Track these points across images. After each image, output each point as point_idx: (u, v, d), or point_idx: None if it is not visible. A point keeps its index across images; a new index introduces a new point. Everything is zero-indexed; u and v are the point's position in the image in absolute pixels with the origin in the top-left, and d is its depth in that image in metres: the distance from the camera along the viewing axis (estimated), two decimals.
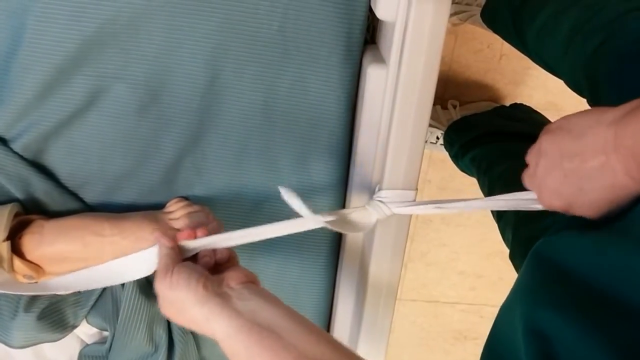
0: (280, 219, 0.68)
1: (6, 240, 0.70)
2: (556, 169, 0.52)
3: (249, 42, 0.71)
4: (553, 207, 0.55)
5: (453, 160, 1.25)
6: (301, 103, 0.75)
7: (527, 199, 0.63)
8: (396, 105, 0.68)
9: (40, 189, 0.76)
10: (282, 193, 0.64)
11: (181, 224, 0.74)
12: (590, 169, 0.49)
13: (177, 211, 0.76)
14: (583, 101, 0.71)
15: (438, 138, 1.30)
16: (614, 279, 0.46)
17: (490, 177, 1.04)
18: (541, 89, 1.34)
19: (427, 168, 1.40)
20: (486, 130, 1.17)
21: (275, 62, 0.73)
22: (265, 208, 0.82)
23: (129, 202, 0.80)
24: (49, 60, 0.70)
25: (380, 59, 0.71)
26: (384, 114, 0.71)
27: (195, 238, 0.66)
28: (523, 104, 1.28)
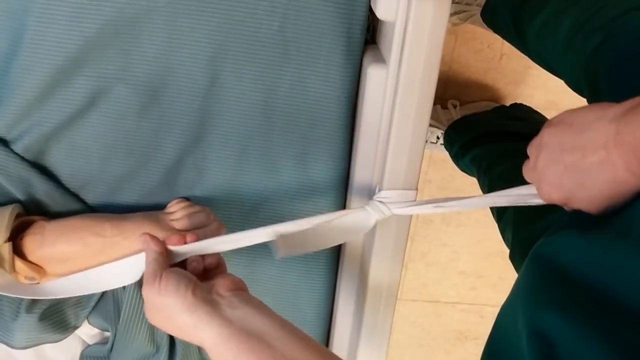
0: (281, 219, 0.68)
1: (7, 241, 0.70)
2: (556, 162, 0.52)
3: (249, 42, 0.71)
4: (552, 200, 0.55)
5: (453, 160, 1.25)
6: (301, 103, 0.75)
7: (526, 194, 0.63)
8: (396, 105, 0.68)
9: (42, 190, 0.76)
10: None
11: (182, 225, 0.74)
12: (590, 163, 0.48)
13: (178, 212, 0.76)
14: (583, 101, 0.70)
15: (438, 138, 1.29)
16: (614, 280, 0.46)
17: (490, 176, 1.04)
18: (542, 88, 1.34)
19: (427, 168, 1.40)
20: (486, 130, 1.17)
21: (276, 62, 0.73)
22: (266, 208, 0.82)
23: (130, 202, 0.80)
24: (50, 61, 0.70)
25: (380, 59, 0.71)
26: (384, 113, 0.71)
27: (184, 243, 0.65)
28: (523, 103, 1.28)
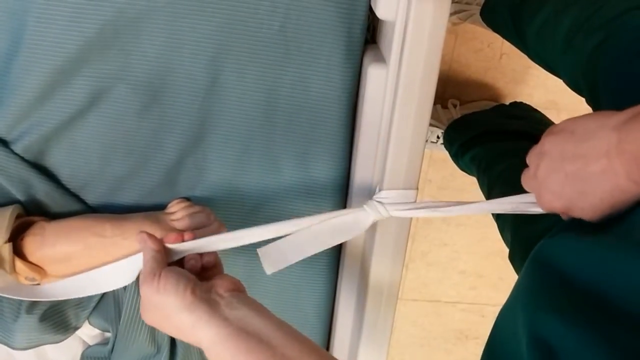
0: (281, 219, 0.68)
1: (8, 242, 0.70)
2: (557, 170, 0.51)
3: (250, 42, 0.71)
4: (553, 209, 0.55)
5: (453, 159, 1.25)
6: (302, 103, 0.75)
7: (526, 202, 0.63)
8: (397, 105, 0.68)
9: (42, 190, 0.76)
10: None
11: (183, 225, 0.74)
12: (592, 172, 0.48)
13: (178, 212, 0.76)
14: (583, 100, 0.70)
15: (439, 137, 1.29)
16: (614, 284, 0.46)
17: (490, 176, 1.04)
18: (541, 87, 1.34)
19: (427, 168, 1.40)
20: (486, 129, 1.17)
21: (277, 62, 0.73)
22: (266, 208, 0.82)
23: (130, 203, 0.80)
24: (50, 62, 0.70)
25: (380, 59, 0.71)
26: (384, 113, 0.71)
27: (182, 241, 0.65)
28: (523, 102, 1.28)
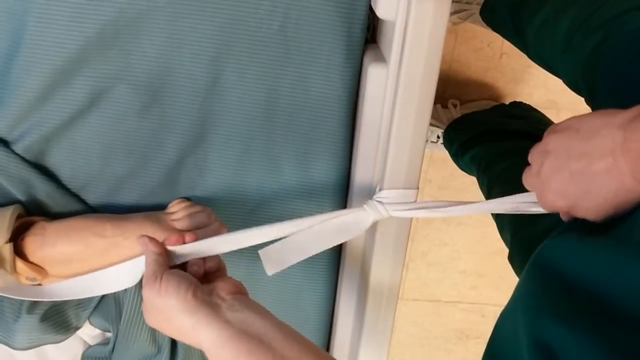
0: (282, 219, 0.68)
1: (8, 242, 0.70)
2: (562, 169, 0.51)
3: (250, 42, 0.71)
4: (555, 209, 0.54)
5: (453, 159, 1.25)
6: (302, 103, 0.75)
7: (526, 202, 0.62)
8: (397, 104, 0.68)
9: (42, 190, 0.76)
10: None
11: (183, 225, 0.74)
12: (597, 170, 0.48)
13: (179, 212, 0.76)
14: (583, 100, 0.70)
15: (439, 137, 1.29)
16: (616, 286, 0.46)
17: (490, 175, 1.04)
18: (541, 87, 1.34)
19: (427, 167, 1.40)
20: (486, 129, 1.17)
21: (277, 61, 0.73)
22: (267, 208, 0.82)
23: (131, 203, 0.80)
24: (50, 62, 0.70)
25: (380, 58, 0.71)
26: (384, 113, 0.72)
27: (183, 243, 0.65)
28: (522, 102, 1.28)
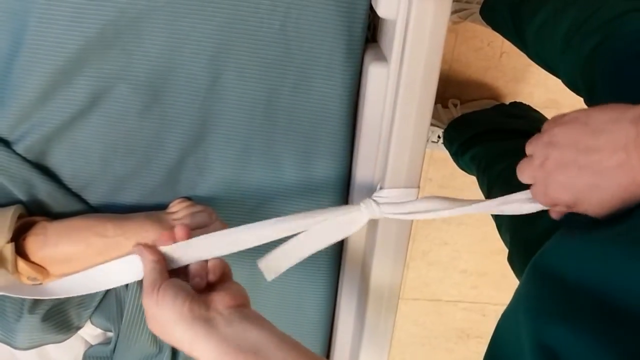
0: None
1: (10, 242, 0.70)
2: (570, 162, 0.50)
3: (250, 41, 0.71)
4: (557, 202, 0.53)
5: (453, 159, 1.25)
6: (303, 102, 0.75)
7: (524, 199, 0.62)
8: (398, 104, 0.69)
9: (43, 190, 0.76)
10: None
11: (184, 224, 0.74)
12: (608, 165, 0.47)
13: (180, 211, 0.76)
14: (583, 100, 0.71)
15: (439, 137, 1.30)
16: (617, 286, 0.45)
17: (490, 175, 1.04)
18: (542, 86, 1.34)
19: (428, 167, 1.40)
20: (486, 128, 1.17)
21: (277, 61, 0.73)
22: (268, 207, 0.82)
23: (132, 202, 0.80)
24: (51, 62, 0.70)
25: (381, 58, 0.71)
26: (385, 112, 0.72)
27: (175, 240, 0.64)
28: (522, 102, 1.28)
